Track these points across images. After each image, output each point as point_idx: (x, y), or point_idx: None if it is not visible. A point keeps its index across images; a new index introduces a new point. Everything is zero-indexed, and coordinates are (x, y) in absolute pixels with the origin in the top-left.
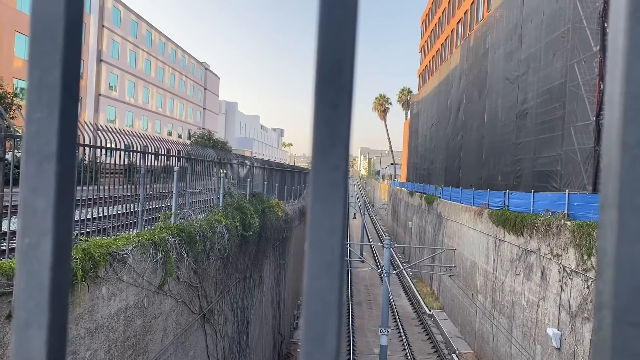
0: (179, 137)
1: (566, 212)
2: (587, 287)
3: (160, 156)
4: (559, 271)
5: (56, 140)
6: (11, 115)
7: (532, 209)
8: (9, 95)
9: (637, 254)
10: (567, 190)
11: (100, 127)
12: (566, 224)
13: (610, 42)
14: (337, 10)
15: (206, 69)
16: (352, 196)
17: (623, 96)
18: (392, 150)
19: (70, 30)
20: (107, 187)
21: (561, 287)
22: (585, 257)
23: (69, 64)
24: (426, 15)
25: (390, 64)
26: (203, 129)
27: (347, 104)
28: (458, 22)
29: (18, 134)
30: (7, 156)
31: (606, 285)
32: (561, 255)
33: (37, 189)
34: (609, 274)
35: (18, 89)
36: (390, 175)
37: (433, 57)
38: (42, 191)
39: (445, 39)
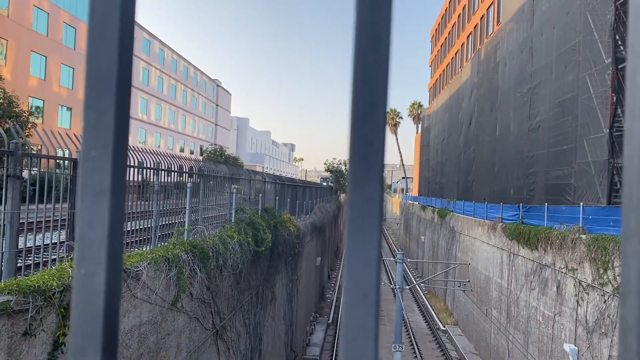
0: (191, 153)
1: (581, 225)
2: (604, 302)
3: (173, 172)
4: (574, 285)
5: (109, 177)
6: (27, 134)
7: (545, 222)
8: (24, 114)
9: None
10: (581, 204)
11: None
12: (581, 237)
13: (631, 47)
14: (370, 57)
15: (218, 85)
16: None
17: None
18: (403, 164)
19: (123, 78)
20: None
21: (577, 301)
22: (601, 271)
23: (121, 107)
24: (436, 30)
25: (400, 78)
26: (215, 144)
27: (381, 140)
28: (468, 36)
29: (34, 152)
30: (23, 174)
31: (630, 311)
32: (577, 270)
33: (93, 222)
34: (632, 300)
35: (33, 108)
36: (402, 189)
37: (443, 71)
38: (97, 224)
39: (456, 53)
